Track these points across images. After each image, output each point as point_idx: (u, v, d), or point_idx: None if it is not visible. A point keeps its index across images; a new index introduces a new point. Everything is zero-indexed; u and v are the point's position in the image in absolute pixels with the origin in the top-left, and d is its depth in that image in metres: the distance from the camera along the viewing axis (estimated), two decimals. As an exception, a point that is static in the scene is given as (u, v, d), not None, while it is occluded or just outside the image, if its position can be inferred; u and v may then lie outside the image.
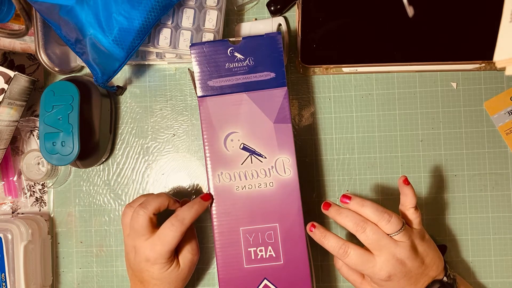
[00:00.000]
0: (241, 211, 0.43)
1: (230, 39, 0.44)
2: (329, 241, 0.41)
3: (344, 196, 0.42)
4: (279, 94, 0.44)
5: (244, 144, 0.44)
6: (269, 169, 0.43)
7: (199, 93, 0.44)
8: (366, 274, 0.41)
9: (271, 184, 0.43)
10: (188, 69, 0.47)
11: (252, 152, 0.43)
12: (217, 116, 0.44)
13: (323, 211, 0.43)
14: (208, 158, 0.44)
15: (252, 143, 0.44)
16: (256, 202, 0.43)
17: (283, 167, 0.43)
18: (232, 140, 0.44)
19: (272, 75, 0.44)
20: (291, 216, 0.43)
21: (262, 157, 0.43)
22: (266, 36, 0.44)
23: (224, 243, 0.43)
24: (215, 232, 0.43)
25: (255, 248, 0.43)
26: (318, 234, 0.42)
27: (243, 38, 0.44)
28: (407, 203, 0.42)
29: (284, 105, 0.44)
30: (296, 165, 0.43)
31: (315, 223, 0.43)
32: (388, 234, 0.40)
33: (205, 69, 0.44)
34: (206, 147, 0.44)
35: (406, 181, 0.42)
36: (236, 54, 0.44)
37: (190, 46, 0.44)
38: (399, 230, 0.40)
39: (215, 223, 0.43)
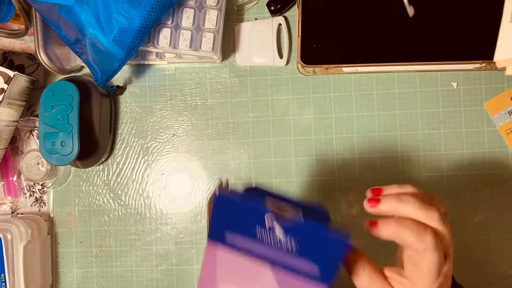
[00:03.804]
0: None
1: (273, 211, 0.30)
2: (406, 225, 0.31)
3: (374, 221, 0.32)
4: None
5: None
6: None
7: (211, 236, 0.32)
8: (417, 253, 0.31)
9: None
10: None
11: None
12: (223, 273, 0.32)
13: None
14: None
15: None
16: None
17: None
18: None
19: (316, 271, 0.31)
20: None
21: None
22: (332, 236, 0.29)
23: None
24: None
25: None
26: (391, 224, 0.31)
27: (297, 220, 0.30)
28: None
29: None
30: None
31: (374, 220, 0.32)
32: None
33: (227, 220, 0.31)
34: None
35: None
36: (275, 224, 0.30)
37: (215, 197, 0.31)
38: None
39: None
